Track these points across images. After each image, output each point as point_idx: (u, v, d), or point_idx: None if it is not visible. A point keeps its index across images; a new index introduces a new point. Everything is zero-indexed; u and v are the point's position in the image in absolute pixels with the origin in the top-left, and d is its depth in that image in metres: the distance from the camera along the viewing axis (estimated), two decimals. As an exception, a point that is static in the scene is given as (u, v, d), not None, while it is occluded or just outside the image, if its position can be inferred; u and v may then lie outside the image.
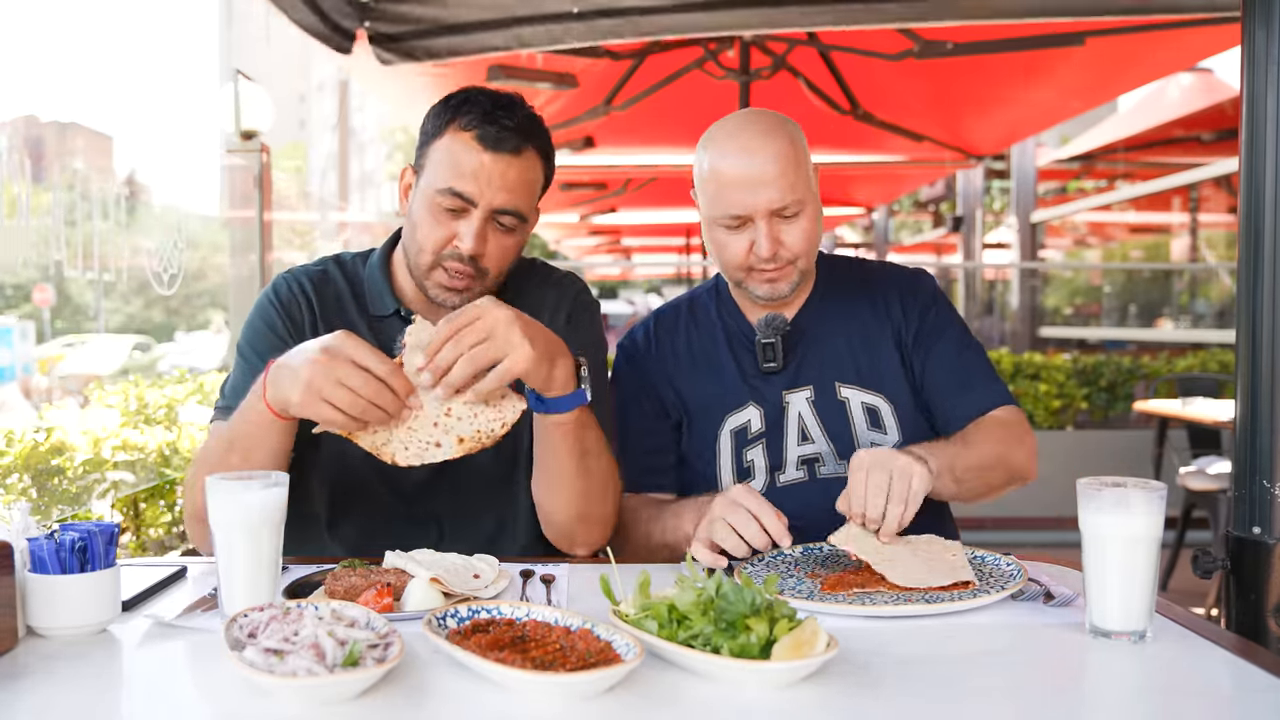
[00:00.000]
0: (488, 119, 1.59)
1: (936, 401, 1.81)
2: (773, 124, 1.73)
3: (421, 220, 1.63)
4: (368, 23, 3.41)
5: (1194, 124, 9.84)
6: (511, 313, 1.40)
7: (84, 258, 3.07)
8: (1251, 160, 1.67)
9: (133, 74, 52.68)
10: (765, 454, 1.81)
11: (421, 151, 1.65)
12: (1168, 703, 1.08)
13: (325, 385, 1.34)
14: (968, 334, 1.87)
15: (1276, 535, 1.64)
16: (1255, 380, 1.66)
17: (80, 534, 1.22)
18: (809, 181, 1.73)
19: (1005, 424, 1.76)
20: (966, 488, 1.65)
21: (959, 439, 1.70)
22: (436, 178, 1.60)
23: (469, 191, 1.59)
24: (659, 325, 1.93)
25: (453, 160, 1.59)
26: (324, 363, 1.34)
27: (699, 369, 1.87)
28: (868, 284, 1.90)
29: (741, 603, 1.08)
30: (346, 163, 26.18)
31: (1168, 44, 4.32)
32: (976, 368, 1.83)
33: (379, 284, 1.74)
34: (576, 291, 1.82)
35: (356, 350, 1.35)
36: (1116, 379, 7.10)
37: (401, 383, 1.37)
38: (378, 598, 1.27)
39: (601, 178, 8.67)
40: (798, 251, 1.73)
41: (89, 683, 1.09)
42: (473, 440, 1.43)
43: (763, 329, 1.81)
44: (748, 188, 1.68)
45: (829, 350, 1.83)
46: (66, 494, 3.16)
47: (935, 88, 5.64)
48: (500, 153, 1.59)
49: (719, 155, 1.72)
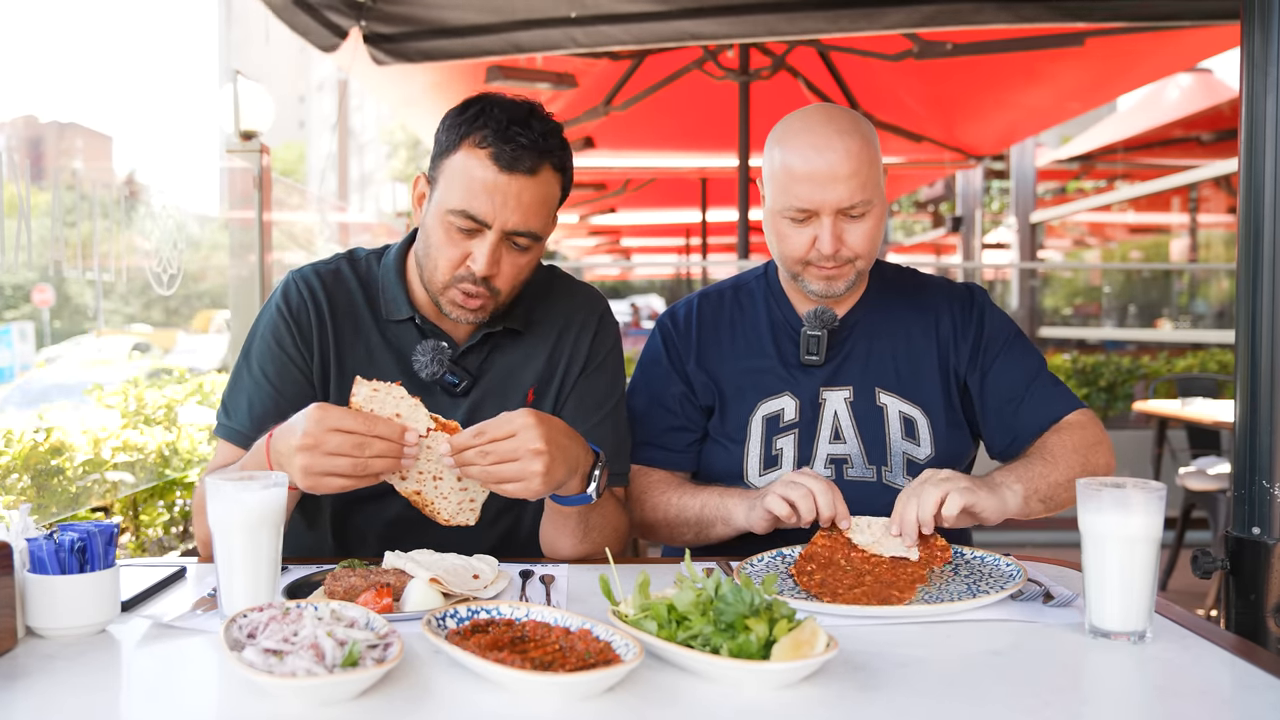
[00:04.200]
0: (502, 136, 1.54)
1: (1005, 414, 1.78)
2: (849, 122, 1.72)
3: (435, 238, 1.60)
4: (364, 23, 3.40)
5: (1193, 124, 9.84)
6: (543, 443, 1.39)
7: (84, 258, 3.07)
8: (1251, 161, 1.67)
9: (133, 74, 52.69)
10: (796, 445, 1.80)
11: (435, 164, 1.61)
12: (1167, 703, 1.08)
13: (321, 464, 1.35)
14: (1026, 342, 1.85)
15: (1276, 535, 1.64)
16: (1255, 380, 1.66)
17: (80, 534, 1.22)
18: (878, 182, 1.73)
19: (1083, 429, 1.74)
20: (1055, 504, 1.65)
21: (1040, 456, 1.68)
22: (450, 196, 1.57)
23: (483, 214, 1.55)
24: (703, 304, 1.93)
25: (466, 179, 1.55)
26: (309, 447, 1.35)
27: (739, 351, 1.86)
28: (919, 295, 1.88)
29: (741, 603, 1.08)
30: (346, 163, 26.19)
31: (1167, 44, 4.33)
32: (1041, 376, 1.81)
33: (394, 288, 1.71)
34: (601, 314, 1.81)
35: (335, 420, 1.35)
36: (1116, 379, 7.11)
37: (386, 428, 1.37)
38: (377, 598, 1.27)
39: (601, 178, 8.68)
40: (859, 251, 1.72)
41: (89, 683, 1.09)
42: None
43: (811, 321, 1.80)
44: (818, 183, 1.67)
45: (874, 354, 1.82)
46: (66, 494, 3.16)
47: (935, 88, 5.65)
48: (515, 173, 1.54)
49: (792, 148, 1.70)
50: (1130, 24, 3.48)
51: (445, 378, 1.58)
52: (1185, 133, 10.18)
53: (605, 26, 3.42)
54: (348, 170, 28.15)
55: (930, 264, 15.45)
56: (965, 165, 7.65)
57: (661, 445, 1.84)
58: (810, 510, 1.52)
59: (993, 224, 14.89)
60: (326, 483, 1.37)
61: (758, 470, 1.79)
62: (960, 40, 4.36)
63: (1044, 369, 1.83)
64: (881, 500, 1.74)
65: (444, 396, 1.68)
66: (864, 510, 1.55)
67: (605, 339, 1.80)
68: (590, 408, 1.72)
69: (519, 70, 4.55)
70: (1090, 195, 14.25)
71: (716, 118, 5.75)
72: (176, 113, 47.99)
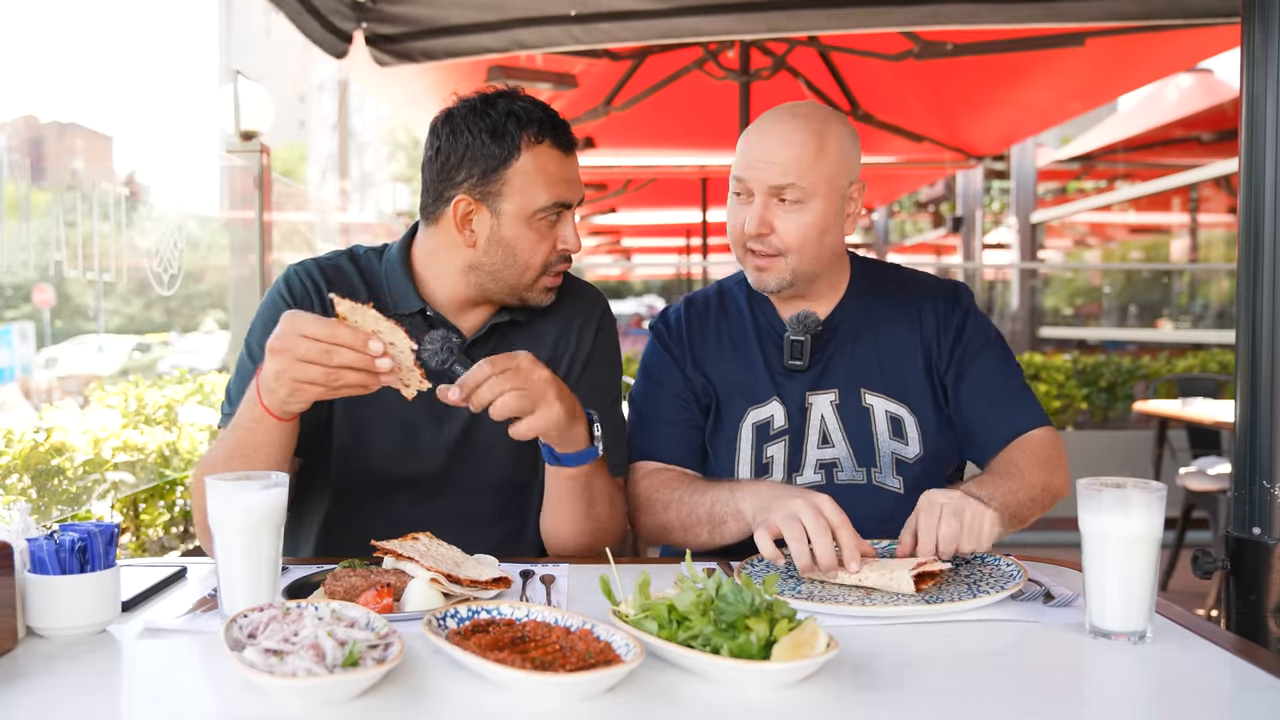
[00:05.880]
0: (551, 124, 1.63)
1: (974, 419, 1.78)
2: (811, 114, 1.73)
3: (522, 244, 1.63)
4: (365, 24, 3.41)
5: (1194, 124, 9.85)
6: (549, 374, 1.45)
7: (84, 258, 3.07)
8: (1251, 161, 1.67)
9: (133, 74, 52.66)
10: (786, 452, 1.79)
11: (488, 179, 1.61)
12: (1167, 703, 1.08)
13: (294, 370, 1.33)
14: (1006, 350, 1.84)
15: (1276, 535, 1.64)
16: (1255, 380, 1.66)
17: (80, 534, 1.22)
18: (827, 180, 1.70)
19: (1046, 449, 1.73)
20: (1020, 522, 1.65)
21: (1008, 472, 1.67)
22: (533, 199, 1.61)
23: (569, 197, 1.64)
24: (690, 310, 1.92)
25: (545, 176, 1.61)
26: (281, 350, 1.34)
27: (726, 357, 1.86)
28: (903, 293, 1.87)
29: (741, 603, 1.08)
30: (346, 163, 26.19)
31: (1168, 44, 4.33)
32: (1015, 387, 1.80)
33: (401, 282, 1.71)
34: (602, 310, 1.85)
35: (304, 325, 1.33)
36: (1116, 379, 7.11)
37: (350, 336, 1.33)
38: (378, 598, 1.27)
39: (601, 178, 8.68)
40: (788, 243, 1.71)
41: (89, 683, 1.09)
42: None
43: (794, 326, 1.79)
44: (754, 160, 1.71)
45: (858, 355, 1.81)
46: (66, 494, 3.16)
47: (935, 88, 5.64)
48: (570, 150, 1.66)
49: (752, 127, 1.76)
50: (1130, 24, 3.48)
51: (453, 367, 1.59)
52: (1185, 133, 10.18)
53: (606, 24, 3.43)
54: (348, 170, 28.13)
55: (930, 264, 15.45)
56: (965, 165, 7.64)
57: (673, 442, 1.83)
58: (804, 558, 1.40)
59: (993, 224, 14.89)
60: (303, 392, 1.35)
61: (749, 479, 1.79)
62: (961, 40, 4.36)
63: (1019, 378, 1.82)
64: (873, 502, 1.74)
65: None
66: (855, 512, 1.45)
67: (607, 335, 1.84)
68: (593, 400, 1.73)
69: (520, 70, 4.55)
70: (1090, 195, 14.27)
71: (716, 118, 5.75)
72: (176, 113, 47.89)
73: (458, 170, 1.62)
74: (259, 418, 1.42)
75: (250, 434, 1.45)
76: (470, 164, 1.61)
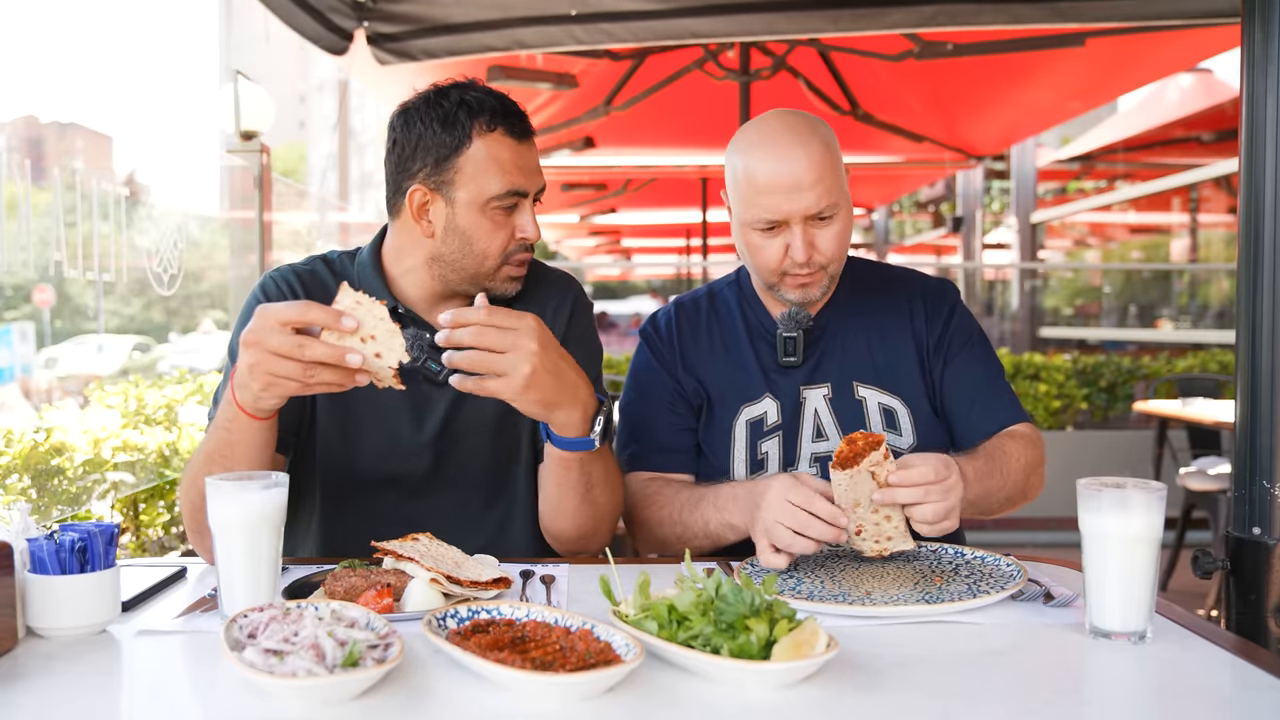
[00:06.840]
0: (503, 112, 1.62)
1: (956, 412, 1.81)
2: (807, 126, 1.70)
3: (478, 232, 1.62)
4: (366, 23, 3.41)
5: (1194, 124, 9.85)
6: (536, 345, 1.39)
7: (84, 258, 3.07)
8: (1251, 161, 1.67)
9: (133, 74, 52.62)
10: (780, 447, 1.81)
11: (441, 168, 1.61)
12: (1168, 703, 1.08)
13: (266, 364, 1.32)
14: (989, 346, 1.87)
15: (1276, 535, 1.64)
16: (1255, 380, 1.66)
17: (80, 534, 1.22)
18: (842, 184, 1.71)
19: (1031, 448, 1.75)
20: (976, 511, 1.65)
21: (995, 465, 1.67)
22: (485, 187, 1.60)
23: (522, 185, 1.62)
24: (680, 313, 1.93)
25: (497, 164, 1.60)
26: (253, 343, 1.32)
27: (718, 357, 1.86)
28: (891, 288, 1.89)
29: (741, 603, 1.08)
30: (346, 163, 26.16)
31: (1168, 44, 4.33)
32: (996, 382, 1.83)
33: (373, 280, 1.72)
34: (575, 294, 1.84)
35: (278, 314, 1.31)
36: (1116, 379, 7.11)
37: (320, 315, 1.32)
38: (378, 598, 1.27)
39: (601, 178, 8.68)
40: (831, 256, 1.72)
41: (89, 683, 1.09)
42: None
43: (785, 322, 1.80)
44: (783, 193, 1.66)
45: (849, 349, 1.83)
46: (66, 494, 3.16)
47: (935, 88, 5.64)
48: (525, 139, 1.64)
49: (753, 159, 1.69)
50: (1130, 24, 3.48)
51: (427, 364, 1.59)
52: (1186, 133, 10.18)
53: (606, 24, 3.43)
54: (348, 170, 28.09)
55: (930, 264, 15.46)
56: (966, 165, 7.64)
57: (667, 448, 1.84)
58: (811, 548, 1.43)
59: (993, 224, 14.89)
60: (277, 386, 1.33)
61: (744, 476, 1.80)
62: (961, 40, 4.36)
63: (1002, 376, 1.85)
64: None
65: (425, 384, 1.69)
66: None
67: (581, 318, 1.82)
68: None
69: (520, 70, 4.56)
70: (1091, 195, 14.26)
71: (716, 118, 5.74)
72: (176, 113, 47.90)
73: (412, 161, 1.63)
74: (233, 416, 1.42)
75: (227, 434, 1.44)
76: (424, 154, 1.61)
